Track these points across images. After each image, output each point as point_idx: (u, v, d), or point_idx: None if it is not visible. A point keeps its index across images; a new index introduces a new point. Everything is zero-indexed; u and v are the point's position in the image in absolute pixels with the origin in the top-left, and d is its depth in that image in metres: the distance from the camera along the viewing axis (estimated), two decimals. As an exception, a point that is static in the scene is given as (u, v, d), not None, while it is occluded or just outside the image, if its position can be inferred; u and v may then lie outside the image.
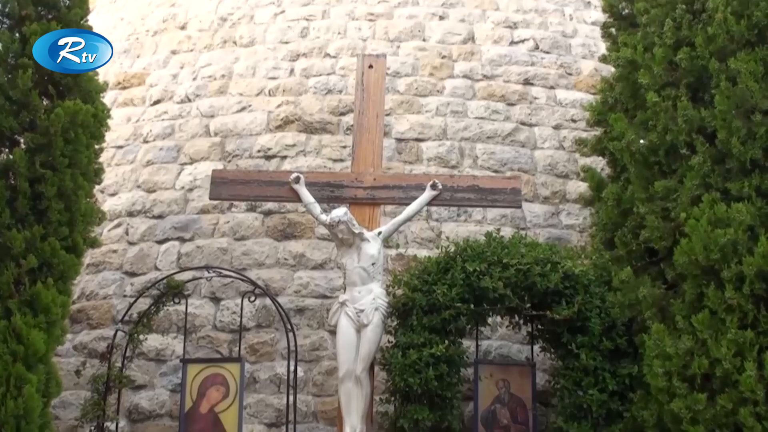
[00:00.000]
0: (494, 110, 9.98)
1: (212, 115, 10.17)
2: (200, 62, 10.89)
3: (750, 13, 5.79)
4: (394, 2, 11.13)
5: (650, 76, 6.31)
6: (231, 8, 11.44)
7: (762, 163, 5.33)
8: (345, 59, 10.37)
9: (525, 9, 11.23)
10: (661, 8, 6.59)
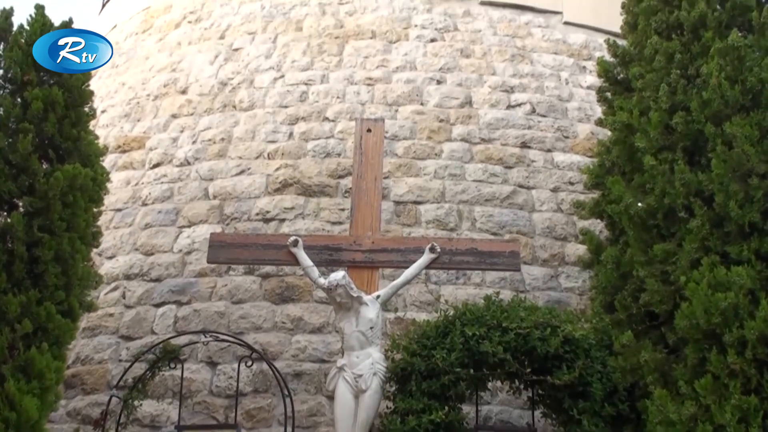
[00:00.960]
0: (492, 173, 10.03)
1: (211, 178, 10.21)
2: (200, 126, 10.99)
3: (744, 78, 5.87)
4: (392, 67, 11.29)
5: (647, 139, 6.37)
6: (231, 73, 11.59)
7: (760, 226, 5.33)
8: (344, 123, 10.47)
9: (521, 73, 11.39)
10: (656, 73, 6.68)
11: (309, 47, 11.67)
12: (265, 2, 12.63)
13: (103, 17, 15.54)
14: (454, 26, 12.01)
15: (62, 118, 6.80)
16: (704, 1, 6.64)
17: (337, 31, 11.88)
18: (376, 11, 12.16)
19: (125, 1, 14.87)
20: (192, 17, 13.07)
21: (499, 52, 11.67)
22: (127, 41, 13.89)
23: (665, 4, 7.08)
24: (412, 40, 11.71)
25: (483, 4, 12.44)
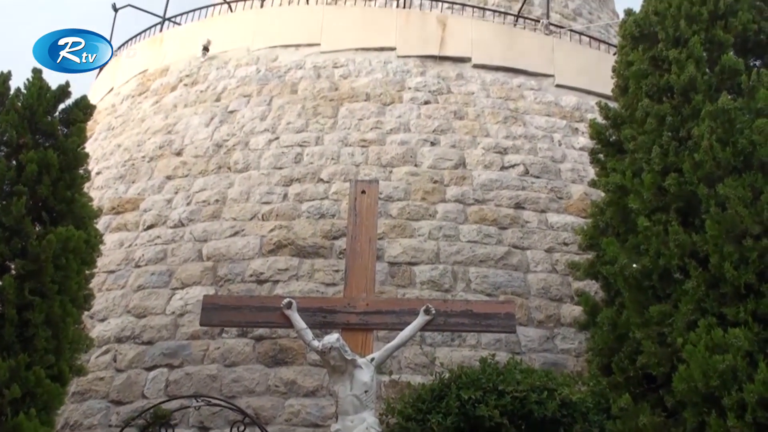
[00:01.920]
0: (486, 234, 10.03)
1: (205, 240, 10.19)
2: (195, 187, 11.01)
3: (735, 140, 5.93)
4: (386, 129, 11.39)
5: (640, 201, 6.39)
6: (226, 135, 11.68)
7: (756, 287, 5.32)
8: (338, 184, 10.51)
9: (515, 135, 11.50)
10: (648, 135, 6.74)
11: (304, 109, 11.79)
12: (261, 66, 12.80)
13: (100, 80, 15.69)
14: (447, 89, 12.16)
15: (57, 180, 6.80)
16: (693, 65, 6.74)
17: (332, 94, 12.02)
18: (371, 74, 12.33)
19: (122, 65, 15.04)
20: (188, 80, 13.22)
21: (492, 114, 11.80)
22: (123, 104, 14.02)
23: (655, 68, 7.18)
24: (406, 103, 11.85)
25: (476, 67, 12.63)
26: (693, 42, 6.90)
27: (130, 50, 15.29)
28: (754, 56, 7.67)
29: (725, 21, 7.26)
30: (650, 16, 7.54)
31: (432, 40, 12.84)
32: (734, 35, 7.24)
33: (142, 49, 14.92)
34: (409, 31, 12.96)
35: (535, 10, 15.34)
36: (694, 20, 7.17)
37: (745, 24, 7.24)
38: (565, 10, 16.25)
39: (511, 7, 15.10)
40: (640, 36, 7.62)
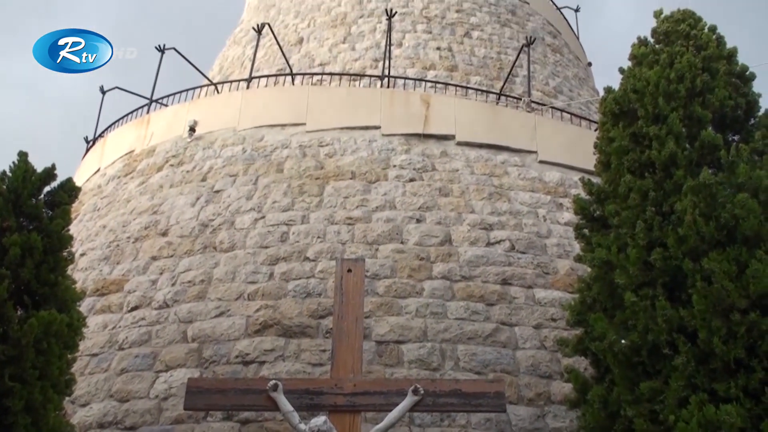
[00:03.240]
0: (474, 311, 9.97)
1: (190, 321, 10.06)
2: (180, 268, 10.94)
3: (717, 215, 5.98)
4: (372, 206, 11.43)
5: (626, 276, 6.40)
6: (212, 214, 11.68)
7: (746, 362, 5.29)
8: (324, 262, 10.47)
9: (500, 211, 11.56)
10: (631, 210, 6.80)
11: (290, 188, 11.84)
12: (247, 145, 12.91)
13: (87, 162, 15.77)
14: (432, 166, 12.28)
15: (40, 263, 6.76)
16: (673, 141, 6.85)
17: (318, 173, 12.10)
18: (356, 153, 12.45)
19: (109, 146, 15.15)
20: (174, 161, 13.30)
21: (477, 190, 11.89)
22: (109, 185, 14.05)
23: (636, 144, 7.30)
24: (391, 180, 11.93)
25: (460, 145, 12.78)
26: (672, 118, 7.04)
27: (116, 132, 15.41)
28: (732, 131, 7.83)
29: (702, 98, 7.43)
30: (629, 93, 7.70)
31: (416, 119, 13.02)
32: (712, 111, 7.40)
33: (128, 130, 15.04)
34: (394, 110, 13.15)
35: (517, 88, 15.66)
36: (672, 97, 7.33)
37: (722, 100, 7.41)
38: (546, 88, 16.59)
39: (493, 86, 15.41)
40: (620, 113, 7.77)
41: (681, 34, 8.54)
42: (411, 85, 14.50)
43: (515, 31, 18.34)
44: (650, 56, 8.20)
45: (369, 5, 18.10)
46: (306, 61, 16.67)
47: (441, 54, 16.33)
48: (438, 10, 17.84)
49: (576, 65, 19.87)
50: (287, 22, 18.73)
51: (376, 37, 16.76)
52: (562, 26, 21.27)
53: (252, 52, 16.14)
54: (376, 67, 15.58)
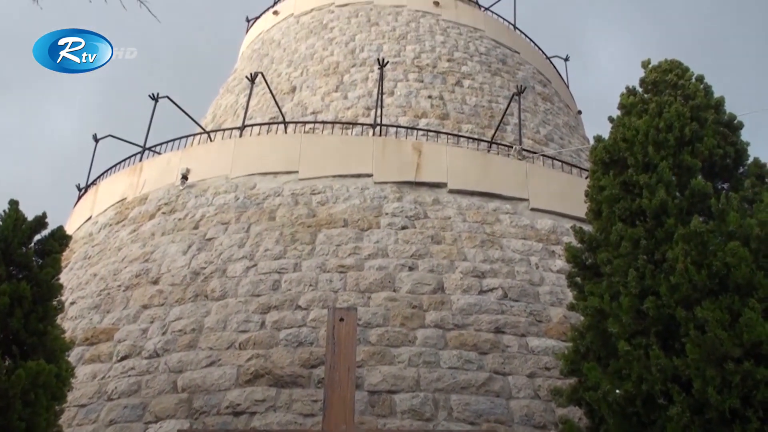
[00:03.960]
0: (467, 359, 9.90)
1: (180, 371, 9.95)
2: (171, 316, 10.86)
3: (709, 263, 5.99)
4: (364, 254, 11.41)
5: (619, 324, 6.37)
6: (204, 262, 11.64)
7: (741, 412, 5.24)
8: (316, 311, 10.41)
9: (492, 259, 11.56)
10: (623, 258, 6.80)
11: (282, 236, 11.83)
12: (239, 193, 12.93)
13: (78, 209, 15.76)
14: (424, 214, 12.30)
15: (29, 312, 6.71)
16: (664, 190, 6.89)
17: (310, 220, 12.10)
18: (348, 200, 12.47)
19: (101, 194, 15.15)
20: (167, 208, 13.30)
21: (469, 238, 11.90)
22: (100, 232, 14.02)
23: (626, 192, 7.34)
24: (383, 228, 11.94)
25: (452, 192, 12.83)
26: (662, 167, 7.09)
27: (109, 179, 15.43)
28: (722, 180, 7.89)
29: (692, 146, 7.49)
30: (619, 142, 7.77)
31: (408, 167, 13.10)
32: (701, 160, 7.46)
33: (121, 178, 15.07)
34: (386, 158, 13.23)
35: (508, 136, 15.78)
36: (662, 146, 7.39)
37: (711, 149, 7.48)
38: (537, 136, 16.73)
39: (484, 134, 15.53)
40: (610, 161, 7.82)
41: (669, 83, 8.66)
42: (403, 134, 14.61)
43: (506, 80, 18.55)
44: (639, 106, 8.29)
45: (361, 55, 18.32)
46: (299, 109, 16.80)
47: (432, 102, 16.49)
48: (429, 59, 18.06)
49: (566, 113, 20.07)
50: (280, 71, 18.92)
51: (368, 86, 16.92)
52: (552, 75, 21.54)
53: (245, 101, 16.28)
54: (368, 115, 15.70)
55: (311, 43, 19.53)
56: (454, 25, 20.02)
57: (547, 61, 21.97)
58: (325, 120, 15.50)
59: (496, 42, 20.27)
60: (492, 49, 19.78)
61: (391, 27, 19.40)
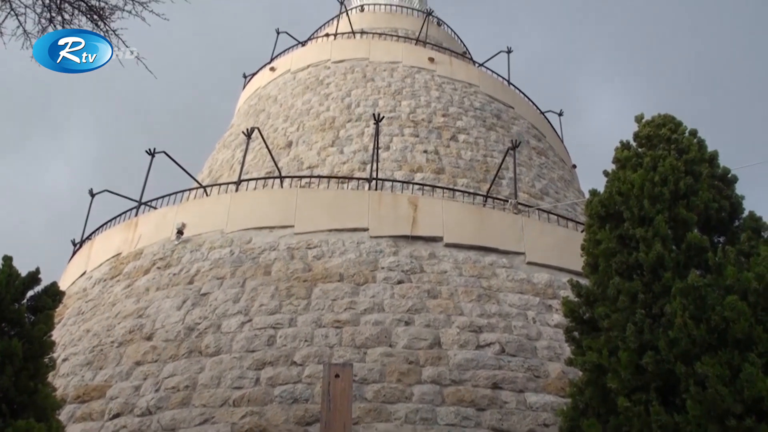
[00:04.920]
0: (465, 416, 9.75)
1: (173, 429, 9.78)
2: (164, 373, 10.72)
3: (708, 317, 5.95)
4: (359, 309, 11.33)
5: (618, 380, 6.30)
6: (198, 318, 11.54)
7: (745, 470, 5.14)
8: (312, 367, 10.29)
9: (489, 313, 11.48)
10: (621, 313, 6.76)
11: (277, 291, 11.76)
12: (235, 248, 12.90)
13: (73, 264, 15.69)
14: (420, 268, 12.26)
15: (20, 370, 6.61)
16: (660, 243, 6.88)
17: (306, 275, 12.04)
18: (344, 255, 12.44)
19: (96, 248, 15.10)
20: (161, 263, 13.24)
21: (466, 292, 11.84)
22: (95, 288, 13.93)
23: (623, 246, 7.32)
24: (379, 282, 11.88)
25: (448, 246, 12.81)
26: (658, 221, 7.09)
27: (104, 234, 15.40)
28: (718, 233, 7.89)
29: (687, 200, 7.51)
30: (615, 196, 7.78)
31: (404, 221, 13.10)
32: (697, 213, 7.47)
33: (116, 233, 15.04)
34: (382, 212, 13.24)
35: (503, 190, 15.82)
36: (657, 200, 7.41)
37: (707, 203, 7.49)
38: (532, 190, 16.78)
39: (479, 188, 15.58)
40: (606, 215, 7.82)
41: (663, 138, 8.72)
42: (399, 188, 14.65)
43: (501, 135, 18.69)
44: (634, 159, 8.33)
45: (357, 110, 18.48)
46: (295, 164, 16.86)
47: (428, 157, 16.57)
48: (424, 114, 18.21)
49: (561, 167, 20.18)
50: (276, 126, 19.05)
51: (364, 141, 17.02)
52: (546, 129, 21.71)
53: (241, 156, 16.35)
54: (364, 169, 15.77)
55: (308, 98, 19.71)
56: (449, 80, 20.24)
57: (541, 116, 22.17)
58: (321, 174, 15.55)
59: (490, 97, 20.48)
60: (487, 104, 19.97)
61: (387, 83, 19.60)
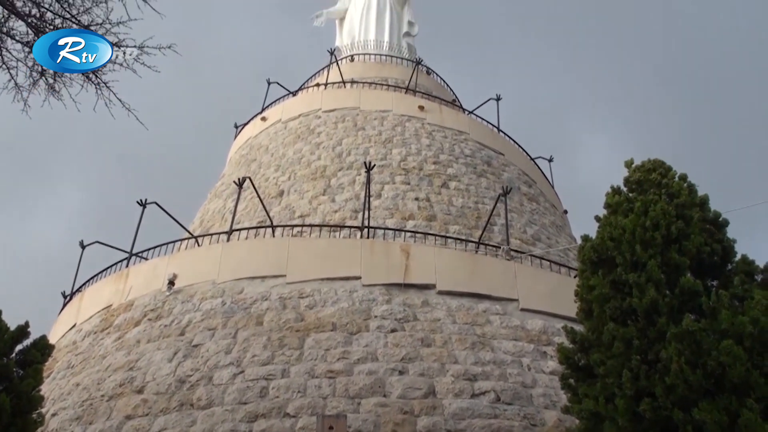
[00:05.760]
0: (461, 467, 9.61)
1: (164, 484, 9.60)
2: (155, 427, 10.55)
3: (704, 363, 5.90)
4: (353, 359, 11.22)
5: (616, 428, 6.24)
6: (190, 370, 11.40)
7: None
8: (305, 418, 10.14)
9: (483, 361, 11.38)
10: (617, 359, 6.71)
11: (269, 341, 11.65)
12: (227, 298, 12.81)
13: (63, 317, 15.53)
14: (413, 316, 12.18)
15: (7, 426, 6.51)
16: (653, 288, 6.86)
17: (298, 325, 11.95)
18: (336, 304, 12.36)
19: (86, 301, 14.98)
20: (152, 315, 13.12)
21: (460, 340, 11.75)
22: (85, 340, 13.77)
23: (616, 291, 7.30)
24: (372, 331, 11.79)
25: (441, 294, 12.75)
26: (651, 266, 7.08)
27: (94, 286, 15.29)
28: (711, 277, 7.88)
29: (679, 244, 7.51)
30: (607, 241, 7.78)
31: (396, 269, 13.05)
32: (689, 258, 7.47)
33: (106, 284, 14.93)
34: (374, 260, 13.20)
35: (495, 236, 15.82)
36: (649, 245, 7.41)
37: (699, 247, 7.50)
38: (524, 236, 16.79)
39: (471, 234, 15.57)
40: (598, 261, 7.81)
41: (653, 182, 8.76)
42: (390, 235, 14.63)
43: (491, 181, 18.76)
44: (625, 204, 8.35)
45: (348, 158, 18.55)
46: (286, 212, 16.86)
47: (419, 204, 16.60)
48: (415, 162, 18.29)
49: (552, 213, 20.23)
50: (268, 176, 19.08)
51: (356, 189, 17.06)
52: (536, 175, 21.81)
53: (233, 205, 16.34)
54: (356, 217, 15.76)
55: (299, 147, 19.79)
56: (439, 128, 20.38)
57: (531, 162, 22.28)
58: (313, 223, 15.54)
59: (480, 144, 20.60)
60: (477, 151, 20.08)
61: (378, 131, 19.72)
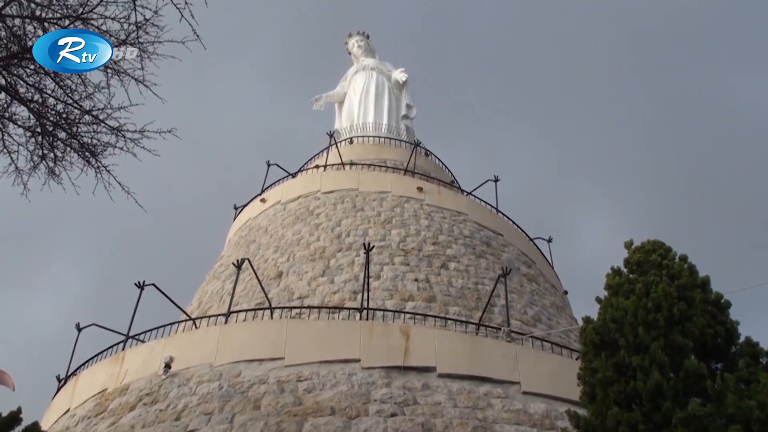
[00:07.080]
0: None
1: None
2: None
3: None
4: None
5: None
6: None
7: None
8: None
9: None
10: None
11: (267, 426, 11.40)
12: (223, 382, 12.60)
13: (57, 402, 15.25)
14: (413, 400, 11.97)
15: None
16: (657, 371, 6.76)
17: (296, 409, 11.73)
18: (335, 387, 12.16)
19: (80, 384, 14.73)
20: (148, 399, 12.89)
21: (461, 424, 11.51)
22: (78, 426, 13.50)
23: (620, 374, 7.20)
24: (372, 416, 11.56)
25: (441, 377, 12.56)
26: (654, 348, 7.00)
27: (89, 370, 15.07)
28: (715, 359, 7.77)
29: (681, 326, 7.45)
30: (608, 323, 7.71)
31: (396, 351, 12.90)
32: (692, 339, 7.39)
33: (102, 368, 14.71)
34: (373, 343, 13.05)
35: (496, 317, 15.70)
36: (652, 326, 7.35)
37: (702, 329, 7.43)
38: (524, 317, 16.65)
39: (471, 315, 15.45)
40: (600, 343, 7.73)
41: (653, 263, 8.73)
42: (390, 317, 14.52)
43: (491, 262, 18.73)
44: (625, 286, 8.31)
45: (347, 239, 18.56)
46: (285, 294, 16.76)
47: (419, 285, 16.52)
48: (414, 243, 18.30)
49: (553, 293, 20.13)
50: (267, 257, 19.06)
51: (355, 270, 17.00)
52: (536, 256, 21.79)
53: (231, 287, 16.25)
54: (355, 299, 15.66)
55: (298, 228, 19.83)
56: (437, 209, 20.47)
57: (530, 243, 22.30)
58: (312, 305, 15.44)
59: (479, 225, 20.65)
60: (476, 231, 20.12)
61: (377, 212, 19.80)
